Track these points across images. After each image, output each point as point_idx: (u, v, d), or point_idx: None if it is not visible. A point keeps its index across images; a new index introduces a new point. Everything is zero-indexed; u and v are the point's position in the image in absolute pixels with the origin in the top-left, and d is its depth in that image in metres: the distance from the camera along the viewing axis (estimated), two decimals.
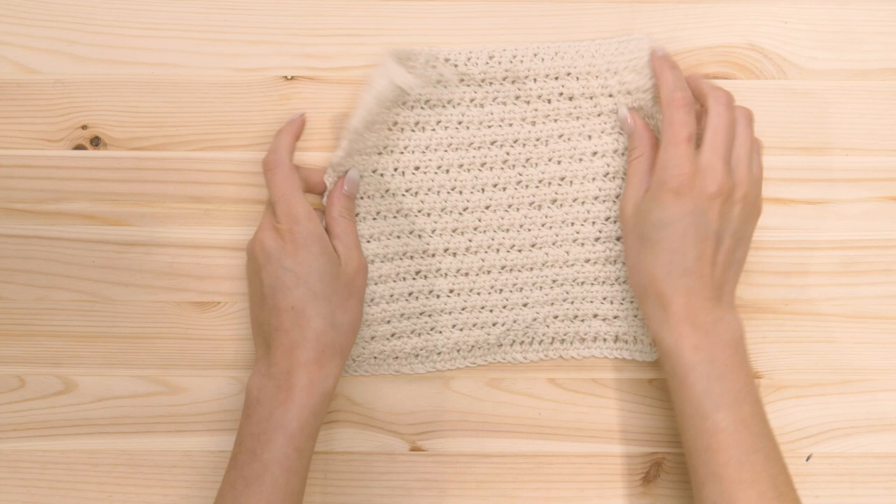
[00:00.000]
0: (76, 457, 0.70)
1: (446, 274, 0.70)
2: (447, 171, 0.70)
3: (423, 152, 0.70)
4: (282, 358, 0.63)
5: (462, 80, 0.70)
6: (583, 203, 0.70)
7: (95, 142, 0.70)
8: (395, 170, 0.69)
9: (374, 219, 0.69)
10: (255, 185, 0.70)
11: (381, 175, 0.69)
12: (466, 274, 0.70)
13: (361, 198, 0.69)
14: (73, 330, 0.70)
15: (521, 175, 0.70)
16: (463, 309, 0.70)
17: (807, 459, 0.70)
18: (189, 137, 0.71)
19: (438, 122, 0.70)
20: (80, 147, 0.71)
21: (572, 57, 0.70)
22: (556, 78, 0.70)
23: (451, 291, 0.70)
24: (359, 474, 0.70)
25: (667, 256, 0.63)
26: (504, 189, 0.70)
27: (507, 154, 0.70)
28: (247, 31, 0.71)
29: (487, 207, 0.70)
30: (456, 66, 0.69)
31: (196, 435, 0.70)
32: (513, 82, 0.70)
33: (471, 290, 0.70)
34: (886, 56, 0.71)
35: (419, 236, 0.70)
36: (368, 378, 0.70)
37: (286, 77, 0.71)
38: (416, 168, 0.70)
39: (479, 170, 0.70)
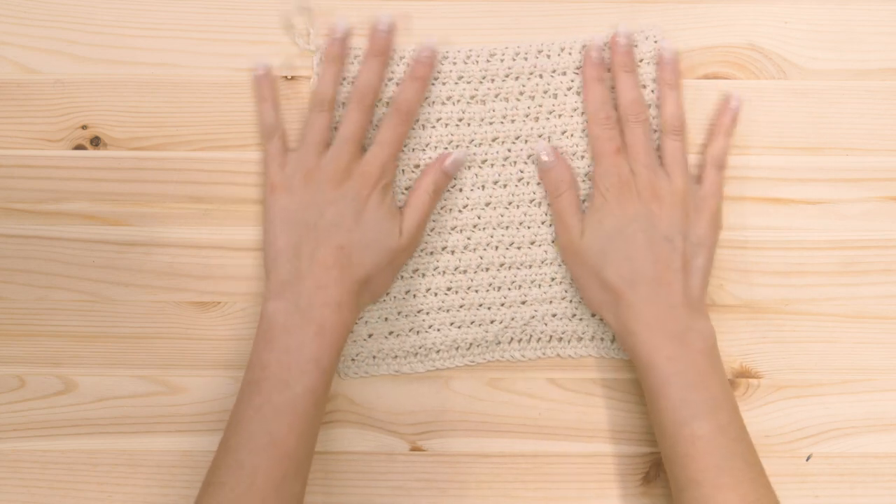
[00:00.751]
0: (76, 457, 0.70)
1: (444, 272, 0.70)
2: None
3: (424, 150, 0.70)
4: (314, 292, 0.64)
5: (461, 78, 0.70)
6: (583, 201, 0.70)
7: (95, 142, 0.70)
8: (396, 167, 0.69)
9: None
10: (255, 185, 0.70)
11: None
12: (465, 272, 0.70)
13: None
14: (73, 330, 0.70)
15: (522, 172, 0.70)
16: (461, 307, 0.70)
17: (807, 459, 0.70)
18: (189, 137, 0.71)
19: (439, 119, 0.70)
20: (80, 147, 0.71)
21: (579, 52, 0.70)
22: (564, 73, 0.70)
23: (449, 289, 0.70)
24: (359, 474, 0.70)
25: (627, 265, 0.65)
26: (504, 186, 0.70)
27: (509, 151, 0.70)
28: (247, 31, 0.71)
29: (487, 204, 0.70)
30: (454, 63, 0.70)
31: (196, 435, 0.70)
32: (516, 79, 0.70)
33: (468, 288, 0.70)
34: (886, 56, 0.71)
35: None
36: (368, 378, 0.70)
37: (286, 77, 0.71)
38: (417, 166, 0.70)
39: (480, 167, 0.70)
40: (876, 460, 0.70)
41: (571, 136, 0.70)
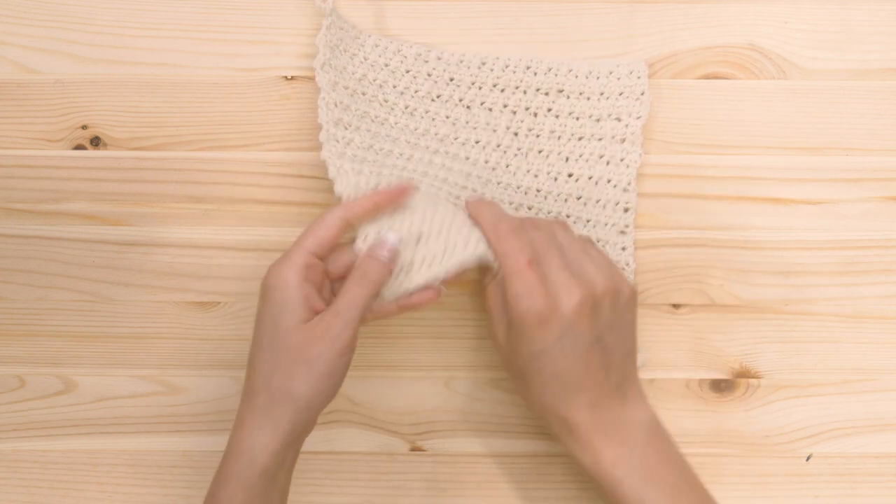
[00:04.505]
0: (76, 457, 0.70)
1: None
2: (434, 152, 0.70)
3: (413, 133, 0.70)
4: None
5: (452, 80, 0.70)
6: (555, 217, 0.70)
7: (95, 142, 0.71)
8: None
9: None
10: (255, 185, 0.70)
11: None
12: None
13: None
14: (73, 330, 0.70)
15: (500, 178, 0.70)
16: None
17: (807, 459, 0.70)
18: (189, 137, 0.71)
19: (426, 111, 0.70)
20: (80, 147, 0.71)
21: (565, 74, 0.70)
22: (547, 94, 0.70)
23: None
24: (359, 474, 0.70)
25: (554, 383, 0.60)
26: (486, 184, 0.70)
27: (489, 156, 0.70)
28: (247, 31, 0.71)
29: (458, 197, 0.69)
30: (448, 65, 0.70)
31: (196, 435, 0.70)
32: (502, 90, 0.70)
33: None
34: (886, 56, 0.71)
35: None
36: (368, 378, 0.70)
37: (286, 77, 0.71)
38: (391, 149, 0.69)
39: (463, 162, 0.70)
40: (876, 460, 0.70)
41: (547, 156, 0.70)
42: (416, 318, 0.71)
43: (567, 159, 0.70)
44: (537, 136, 0.70)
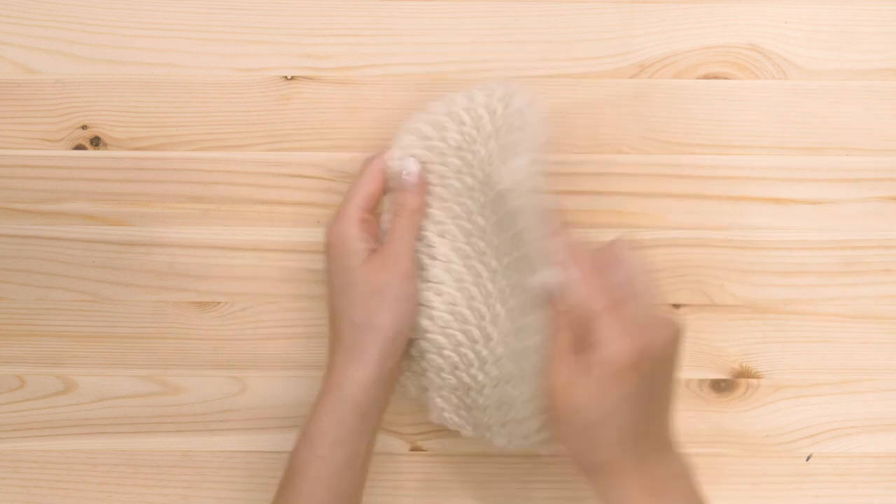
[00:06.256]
0: (76, 457, 0.70)
1: None
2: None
3: None
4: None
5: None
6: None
7: (95, 142, 0.71)
8: None
9: None
10: (255, 185, 0.70)
11: None
12: None
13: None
14: (73, 330, 0.70)
15: None
16: None
17: (807, 459, 0.70)
18: (189, 137, 0.71)
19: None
20: (80, 147, 0.71)
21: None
22: None
23: None
24: None
25: (618, 434, 0.57)
26: None
27: None
28: (247, 31, 0.71)
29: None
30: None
31: (196, 435, 0.70)
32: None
33: None
34: (886, 56, 0.71)
35: None
36: None
37: (286, 77, 0.71)
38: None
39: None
40: (876, 460, 0.70)
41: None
42: None
43: None
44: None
